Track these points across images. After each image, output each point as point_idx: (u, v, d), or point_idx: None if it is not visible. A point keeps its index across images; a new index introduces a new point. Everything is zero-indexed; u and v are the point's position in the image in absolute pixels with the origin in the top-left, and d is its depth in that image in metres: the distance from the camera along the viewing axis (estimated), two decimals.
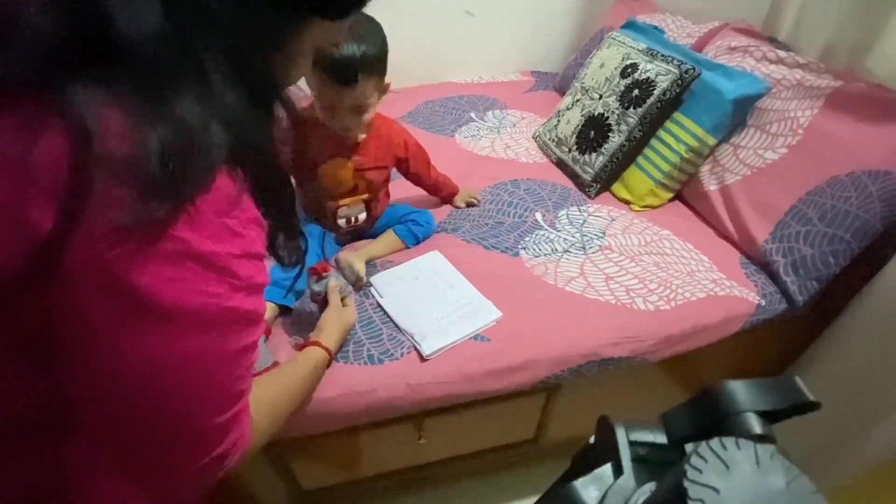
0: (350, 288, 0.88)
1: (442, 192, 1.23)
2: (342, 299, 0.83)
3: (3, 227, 0.27)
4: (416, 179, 1.17)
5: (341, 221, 1.06)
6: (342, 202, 1.03)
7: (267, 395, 0.50)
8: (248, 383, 0.41)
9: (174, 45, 0.29)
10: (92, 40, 0.26)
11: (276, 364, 0.70)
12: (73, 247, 0.27)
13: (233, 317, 0.36)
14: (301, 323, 0.91)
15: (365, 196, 1.05)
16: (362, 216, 1.08)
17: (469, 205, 1.25)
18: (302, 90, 0.87)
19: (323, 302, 0.83)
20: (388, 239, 1.09)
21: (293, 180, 0.51)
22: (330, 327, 0.78)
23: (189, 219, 0.31)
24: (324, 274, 0.83)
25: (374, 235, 1.12)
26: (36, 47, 0.26)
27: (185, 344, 0.33)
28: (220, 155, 0.32)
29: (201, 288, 0.33)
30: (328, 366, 0.76)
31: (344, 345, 0.86)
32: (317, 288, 0.83)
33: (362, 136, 0.97)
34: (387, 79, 0.92)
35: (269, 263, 0.44)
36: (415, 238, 1.11)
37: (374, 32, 0.85)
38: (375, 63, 0.85)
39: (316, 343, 0.73)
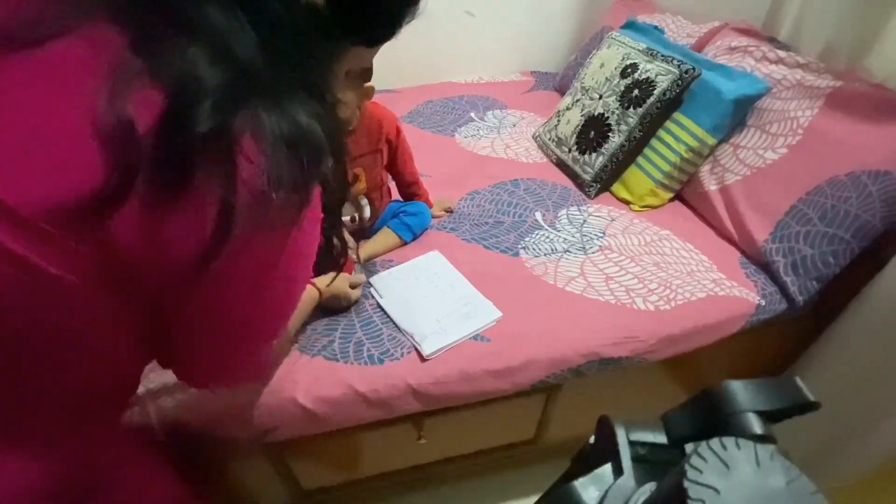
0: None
1: (418, 195, 1.19)
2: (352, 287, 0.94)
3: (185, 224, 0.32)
4: (398, 171, 1.13)
5: (345, 219, 1.06)
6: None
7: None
8: (289, 320, 0.50)
9: (274, 70, 0.34)
10: (235, 80, 0.32)
11: None
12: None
13: (292, 282, 0.45)
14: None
15: (364, 187, 1.05)
16: (366, 213, 1.08)
17: (448, 210, 1.25)
18: None
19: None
20: (384, 235, 1.09)
21: None
22: (333, 284, 0.89)
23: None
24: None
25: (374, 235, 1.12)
26: (213, 95, 0.31)
27: (284, 284, 0.43)
28: (326, 154, 0.38)
29: (286, 257, 0.40)
30: (317, 305, 0.88)
31: (333, 303, 0.94)
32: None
33: (350, 126, 0.95)
34: (387, 79, 0.91)
35: None
36: (409, 230, 1.10)
37: None
38: None
39: (314, 285, 0.86)
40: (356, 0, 0.41)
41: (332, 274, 0.86)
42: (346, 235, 0.99)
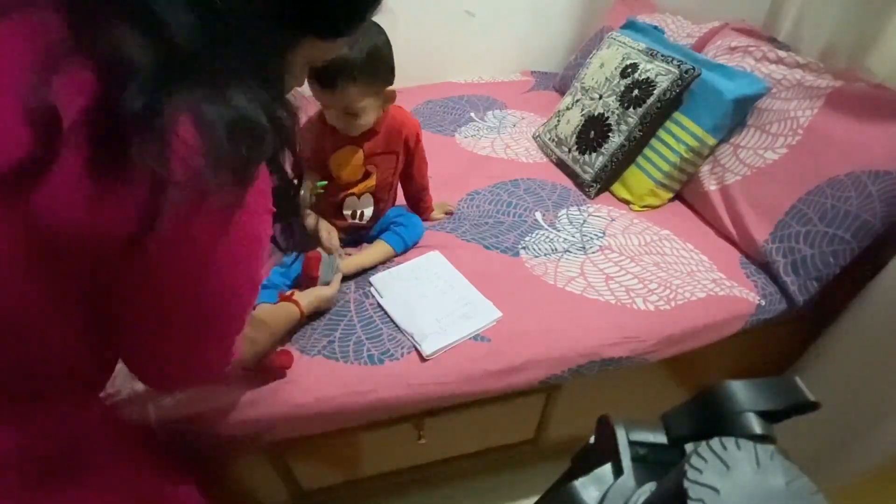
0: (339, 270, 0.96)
1: (424, 202, 1.19)
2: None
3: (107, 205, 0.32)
4: (410, 175, 1.13)
5: (346, 213, 1.06)
6: (351, 191, 1.03)
7: (249, 332, 0.59)
8: (249, 313, 0.50)
9: (214, 54, 0.34)
10: (168, 61, 0.32)
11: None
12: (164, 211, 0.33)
13: (256, 252, 0.45)
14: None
15: (373, 185, 1.04)
16: (369, 211, 1.07)
17: (448, 213, 1.25)
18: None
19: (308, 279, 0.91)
20: (378, 247, 1.06)
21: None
22: (319, 298, 0.90)
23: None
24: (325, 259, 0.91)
25: (370, 241, 1.11)
26: (142, 75, 0.31)
27: (233, 274, 0.43)
28: (268, 141, 0.38)
29: (230, 245, 0.41)
30: (298, 322, 0.87)
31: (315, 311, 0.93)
32: (325, 278, 0.91)
33: (363, 129, 0.96)
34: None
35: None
36: (402, 241, 1.08)
37: (369, 38, 0.84)
38: (362, 68, 0.83)
39: (296, 303, 0.85)
40: None
41: (308, 291, 0.89)
42: (324, 230, 1.00)
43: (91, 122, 0.30)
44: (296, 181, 0.50)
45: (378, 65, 0.87)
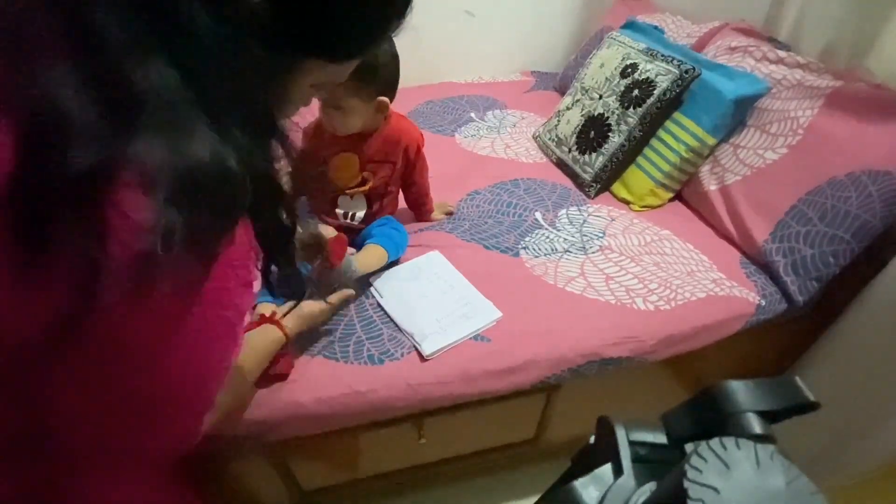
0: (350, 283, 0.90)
1: (425, 205, 1.19)
2: (333, 290, 0.85)
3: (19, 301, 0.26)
4: (411, 183, 1.12)
5: (339, 212, 1.06)
6: (346, 191, 1.03)
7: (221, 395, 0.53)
8: (218, 391, 0.42)
9: (179, 93, 0.28)
10: (117, 107, 0.26)
11: None
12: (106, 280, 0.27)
13: (227, 332, 0.38)
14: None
15: (367, 188, 1.04)
16: (360, 213, 1.07)
17: (448, 213, 1.25)
18: None
19: (323, 286, 0.84)
20: (371, 250, 1.01)
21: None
22: (305, 319, 0.80)
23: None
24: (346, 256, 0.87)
25: (358, 246, 1.06)
26: (80, 132, 0.25)
27: (190, 347, 0.35)
28: (244, 192, 0.31)
29: (212, 315, 0.35)
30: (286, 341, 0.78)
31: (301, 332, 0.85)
32: (339, 279, 0.86)
33: (350, 130, 0.95)
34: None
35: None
36: (395, 247, 1.03)
37: None
38: (354, 71, 0.81)
39: (279, 325, 0.76)
40: (308, 9, 0.34)
41: (294, 312, 0.79)
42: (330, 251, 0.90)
43: (8, 196, 0.24)
44: (289, 225, 0.43)
45: (372, 73, 0.86)
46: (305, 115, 0.44)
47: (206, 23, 0.28)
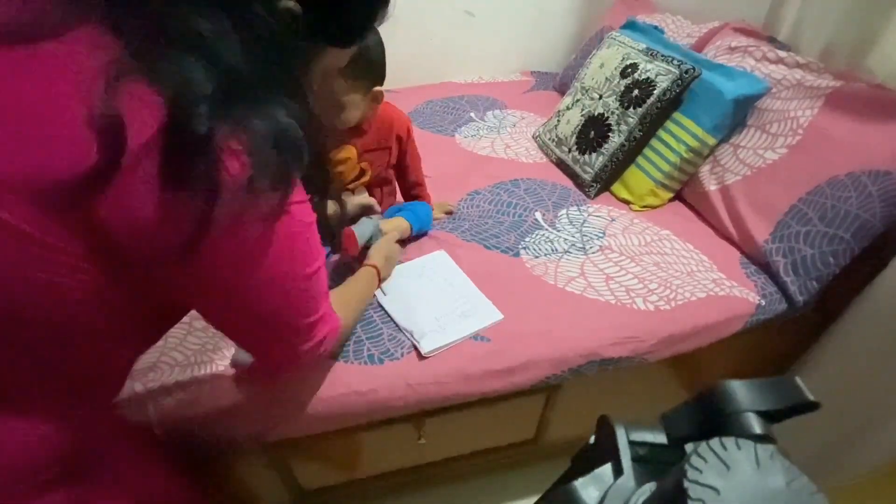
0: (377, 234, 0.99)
1: (421, 196, 1.20)
2: (368, 246, 0.96)
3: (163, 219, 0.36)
4: (404, 169, 1.14)
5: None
6: (347, 187, 1.04)
7: (341, 301, 0.68)
8: (323, 297, 0.57)
9: (257, 74, 0.38)
10: (225, 85, 0.36)
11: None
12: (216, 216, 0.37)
13: (304, 256, 0.49)
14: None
15: (367, 180, 1.06)
16: (364, 200, 1.09)
17: (447, 213, 1.25)
18: None
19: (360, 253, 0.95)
20: (395, 221, 1.07)
21: None
22: (378, 252, 0.95)
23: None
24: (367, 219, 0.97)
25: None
26: (207, 101, 0.35)
27: (282, 272, 0.47)
28: (305, 149, 0.41)
29: (285, 238, 0.45)
30: (379, 281, 0.95)
31: (391, 267, 1.00)
32: (367, 241, 0.96)
33: (348, 124, 0.97)
34: (387, 79, 0.92)
35: None
36: (417, 218, 1.10)
37: None
38: (351, 65, 0.82)
39: (370, 265, 0.91)
40: (331, 4, 0.44)
41: (376, 249, 0.95)
42: (356, 198, 1.03)
43: (161, 142, 0.33)
44: (322, 185, 0.55)
45: (368, 64, 0.88)
46: None
47: (266, 19, 0.38)
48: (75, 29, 0.33)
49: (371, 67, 0.89)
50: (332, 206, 1.00)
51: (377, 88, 0.94)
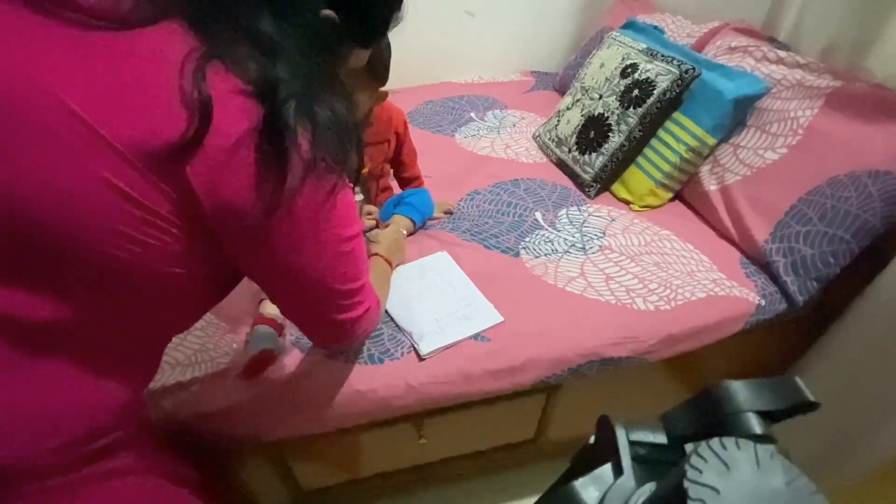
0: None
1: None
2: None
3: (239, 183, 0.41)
4: (401, 162, 1.17)
5: None
6: None
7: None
8: (364, 264, 0.60)
9: (318, 71, 0.45)
10: (303, 81, 0.42)
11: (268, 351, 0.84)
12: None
13: (350, 229, 0.54)
14: None
15: (366, 171, 1.08)
16: (359, 197, 1.11)
17: (447, 212, 1.25)
18: None
19: None
20: (394, 223, 1.08)
21: None
22: (383, 239, 0.96)
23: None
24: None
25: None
26: (295, 96, 0.42)
27: (327, 241, 0.51)
28: (356, 134, 0.48)
29: (338, 211, 0.50)
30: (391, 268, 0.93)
31: (399, 255, 0.99)
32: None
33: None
34: (387, 82, 0.92)
35: None
36: (418, 212, 1.11)
37: None
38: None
39: (375, 254, 0.90)
40: (357, 9, 0.50)
41: (378, 238, 0.96)
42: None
43: (258, 129, 0.40)
44: (358, 168, 0.58)
45: (377, 65, 0.88)
46: None
47: (314, 25, 0.44)
48: (163, 21, 0.38)
49: (381, 67, 0.90)
50: (358, 195, 1.02)
51: (382, 89, 0.94)
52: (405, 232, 1.07)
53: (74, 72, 0.36)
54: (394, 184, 1.25)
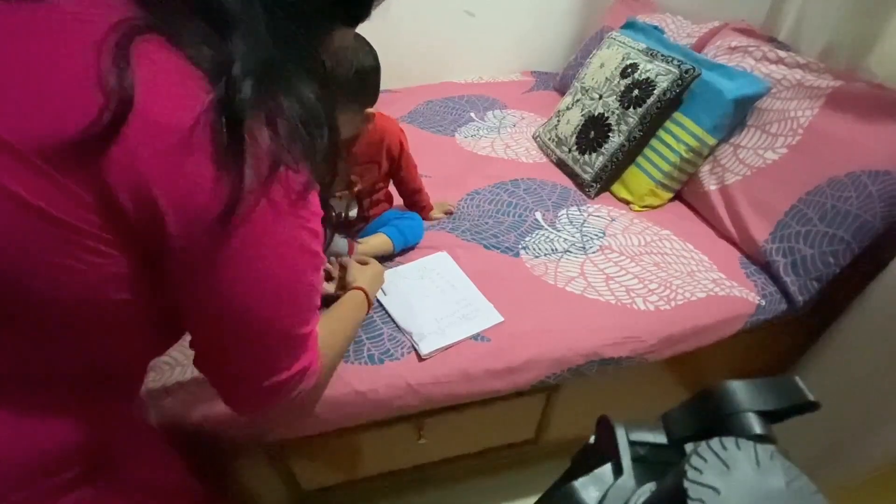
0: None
1: (421, 202, 1.19)
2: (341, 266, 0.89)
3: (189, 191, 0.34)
4: (401, 181, 1.14)
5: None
6: (336, 195, 1.04)
7: (324, 331, 0.59)
8: (316, 312, 0.51)
9: (283, 53, 0.38)
10: (262, 62, 0.36)
11: None
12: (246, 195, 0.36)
13: (313, 259, 0.47)
14: None
15: (355, 190, 1.05)
16: (353, 212, 1.09)
17: (447, 212, 1.24)
18: None
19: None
20: (376, 237, 1.06)
21: None
22: (360, 273, 0.87)
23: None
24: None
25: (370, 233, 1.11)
26: (250, 77, 0.35)
27: (283, 267, 0.43)
28: (326, 127, 0.42)
29: (302, 232, 0.43)
30: (369, 306, 0.84)
31: (378, 286, 0.93)
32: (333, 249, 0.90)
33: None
34: (387, 79, 0.91)
35: None
36: (401, 236, 1.07)
37: (358, 57, 0.83)
38: (346, 86, 0.82)
39: (357, 287, 0.83)
40: None
41: (354, 271, 0.87)
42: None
43: (209, 117, 0.34)
44: (329, 182, 0.51)
45: (363, 86, 0.87)
46: None
47: (293, 4, 0.38)
48: None
49: (368, 89, 0.88)
50: (352, 210, 0.99)
51: (369, 111, 0.92)
52: (376, 253, 1.02)
53: None
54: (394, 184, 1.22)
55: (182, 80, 0.33)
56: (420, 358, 0.87)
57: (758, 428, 0.27)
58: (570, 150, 1.40)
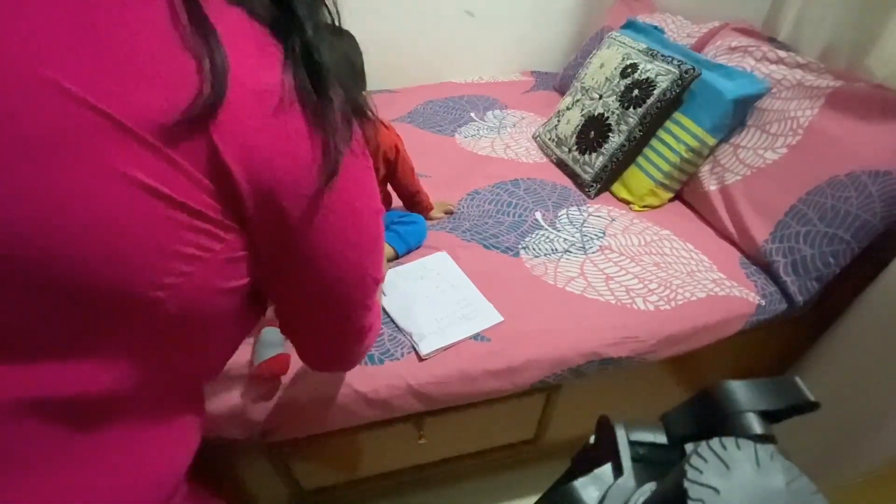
0: None
1: (421, 203, 1.19)
2: None
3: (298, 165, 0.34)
4: (398, 184, 1.14)
5: None
6: None
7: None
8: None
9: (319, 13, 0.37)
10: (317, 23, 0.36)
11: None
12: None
13: (378, 202, 0.47)
14: None
15: None
16: None
17: (447, 212, 1.24)
18: None
19: None
20: None
21: None
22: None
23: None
24: None
25: None
26: (320, 38, 0.35)
27: (367, 208, 0.43)
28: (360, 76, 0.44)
29: (370, 175, 0.43)
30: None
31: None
32: None
33: None
34: (387, 79, 0.91)
35: None
36: (402, 241, 1.08)
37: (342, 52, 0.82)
38: None
39: None
40: None
41: None
42: None
43: (296, 76, 0.33)
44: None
45: (360, 79, 0.86)
46: None
47: None
48: None
49: (361, 82, 0.87)
50: None
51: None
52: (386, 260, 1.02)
53: (55, 34, 0.26)
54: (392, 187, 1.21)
55: (255, 36, 0.32)
56: (420, 358, 0.87)
57: (758, 428, 0.27)
58: (570, 150, 1.40)
